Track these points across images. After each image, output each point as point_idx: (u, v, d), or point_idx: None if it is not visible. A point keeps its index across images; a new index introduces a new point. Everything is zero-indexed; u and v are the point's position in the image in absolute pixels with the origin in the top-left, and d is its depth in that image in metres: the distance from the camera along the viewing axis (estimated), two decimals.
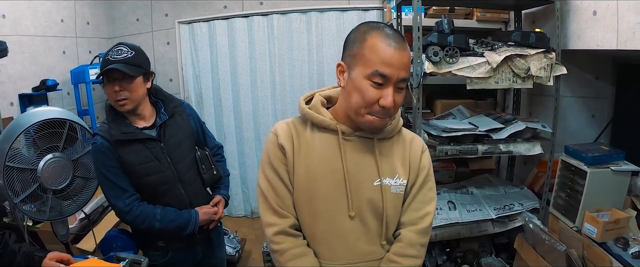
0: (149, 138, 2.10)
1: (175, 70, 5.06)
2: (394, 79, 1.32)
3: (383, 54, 1.31)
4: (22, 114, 2.57)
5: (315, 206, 1.48)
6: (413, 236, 1.50)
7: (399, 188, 1.50)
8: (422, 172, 1.54)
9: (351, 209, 1.46)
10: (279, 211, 1.49)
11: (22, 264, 1.76)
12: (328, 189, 1.46)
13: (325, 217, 1.47)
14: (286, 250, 1.46)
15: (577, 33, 2.76)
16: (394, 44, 1.32)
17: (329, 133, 1.50)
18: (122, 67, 1.97)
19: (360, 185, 1.47)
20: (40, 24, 4.03)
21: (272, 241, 1.48)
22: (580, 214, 2.53)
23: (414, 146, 1.57)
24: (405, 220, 1.53)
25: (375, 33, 1.35)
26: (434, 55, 2.58)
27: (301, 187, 1.49)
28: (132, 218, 2.10)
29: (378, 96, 1.34)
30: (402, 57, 1.32)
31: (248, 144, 5.05)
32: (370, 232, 1.49)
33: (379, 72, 1.32)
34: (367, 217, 1.48)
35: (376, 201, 1.47)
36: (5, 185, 2.09)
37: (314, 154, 1.49)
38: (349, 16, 4.63)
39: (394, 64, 1.31)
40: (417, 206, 1.53)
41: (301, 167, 1.48)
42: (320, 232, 1.49)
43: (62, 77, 4.16)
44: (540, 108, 3.49)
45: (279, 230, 1.47)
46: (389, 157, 1.51)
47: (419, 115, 2.74)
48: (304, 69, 4.79)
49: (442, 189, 3.24)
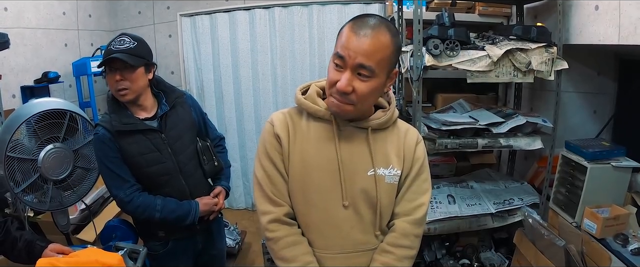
0: (150, 129, 2.11)
1: (176, 63, 5.07)
2: (350, 62, 1.33)
3: (345, 38, 1.36)
4: (22, 105, 2.58)
5: (310, 195, 1.49)
6: (407, 226, 1.51)
7: (393, 178, 1.51)
8: (416, 163, 1.55)
9: (345, 199, 1.47)
10: (274, 200, 1.50)
11: (23, 252, 1.78)
12: (322, 178, 1.47)
13: (319, 207, 1.49)
14: (280, 238, 1.48)
15: (579, 28, 2.75)
16: (359, 31, 1.33)
17: (324, 123, 1.51)
18: (124, 56, 1.98)
19: (354, 175, 1.47)
20: (42, 16, 4.06)
21: (267, 229, 1.49)
22: (580, 209, 2.52)
23: (408, 137, 1.57)
24: (400, 210, 1.54)
25: (351, 22, 1.39)
26: (435, 48, 2.57)
27: (296, 176, 1.50)
28: (132, 208, 2.11)
29: (337, 78, 1.37)
30: (361, 43, 1.32)
31: (249, 137, 5.06)
32: (364, 222, 1.50)
33: (337, 54, 1.37)
34: (360, 207, 1.48)
35: (370, 190, 1.48)
36: (7, 175, 2.11)
37: (309, 144, 1.50)
38: (351, 9, 4.61)
39: (350, 48, 1.33)
40: (411, 197, 1.54)
41: (296, 157, 1.49)
42: (315, 221, 1.50)
43: (64, 70, 4.19)
44: (542, 103, 3.48)
45: (273, 218, 1.49)
46: (383, 148, 1.52)
47: (419, 108, 2.73)
48: (306, 62, 4.79)
49: (442, 182, 3.24)
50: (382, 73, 1.38)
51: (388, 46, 1.35)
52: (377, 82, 1.38)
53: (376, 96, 1.48)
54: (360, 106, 1.43)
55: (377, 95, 1.47)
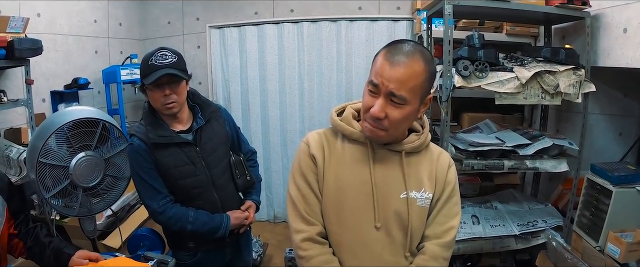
0: (185, 142, 2.14)
1: (204, 74, 5.14)
2: (384, 89, 1.35)
3: (379, 66, 1.38)
4: (56, 112, 2.64)
5: (343, 215, 1.51)
6: (437, 249, 1.52)
7: (424, 202, 1.52)
8: (448, 187, 1.56)
9: (377, 220, 1.48)
10: (307, 219, 1.52)
11: (51, 259, 1.81)
12: (356, 199, 1.49)
13: (351, 227, 1.50)
14: (312, 257, 1.49)
15: (607, 50, 2.74)
16: (392, 59, 1.36)
17: (359, 145, 1.53)
18: (174, 71, 2.03)
19: (387, 197, 1.49)
20: (74, 23, 4.15)
21: (299, 248, 1.51)
22: (603, 233, 2.50)
23: (441, 161, 1.58)
24: (430, 233, 1.54)
25: (385, 49, 1.42)
26: (464, 70, 2.59)
27: (330, 197, 1.52)
28: (165, 219, 2.14)
29: (371, 104, 1.39)
30: (394, 72, 1.34)
31: (274, 150, 5.08)
32: (395, 243, 1.51)
33: (371, 81, 1.39)
34: (392, 229, 1.50)
35: (402, 213, 1.49)
36: (37, 180, 2.15)
37: (344, 165, 1.52)
38: (379, 26, 4.63)
39: (384, 76, 1.35)
40: (442, 220, 1.54)
41: (331, 177, 1.52)
42: (347, 241, 1.52)
43: (94, 76, 4.27)
44: (568, 124, 3.46)
45: (306, 237, 1.50)
46: (415, 171, 1.53)
47: (447, 128, 2.74)
48: (333, 77, 4.80)
49: (467, 202, 3.23)
50: (415, 99, 1.40)
51: (421, 74, 1.37)
52: (410, 108, 1.40)
53: (409, 122, 1.50)
54: (393, 131, 1.45)
55: (410, 121, 1.49)
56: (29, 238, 1.82)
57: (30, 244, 1.82)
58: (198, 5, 5.07)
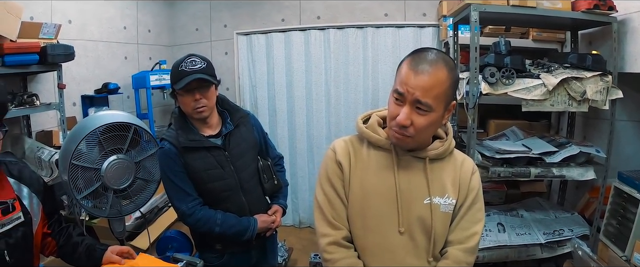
0: (214, 146, 2.19)
1: (232, 80, 5.19)
2: (408, 97, 1.38)
3: (403, 74, 1.41)
4: (88, 116, 2.70)
5: (368, 220, 1.53)
6: (460, 254, 1.53)
7: (447, 207, 1.53)
8: (471, 193, 1.57)
9: (401, 225, 1.50)
10: (333, 223, 1.55)
11: (83, 256, 1.85)
12: (380, 204, 1.52)
13: (376, 232, 1.53)
14: (338, 260, 1.52)
15: (634, 56, 2.71)
16: (416, 67, 1.38)
17: (384, 152, 1.56)
18: (204, 76, 2.09)
19: (411, 203, 1.51)
20: (104, 30, 4.27)
21: (325, 251, 1.55)
22: (630, 243, 2.47)
23: (464, 167, 1.60)
24: (453, 239, 1.56)
25: (409, 57, 1.44)
26: (491, 77, 2.59)
27: (355, 202, 1.55)
28: (193, 221, 2.19)
29: (397, 112, 1.42)
30: (418, 80, 1.37)
31: (300, 155, 5.11)
32: (418, 248, 1.53)
33: (396, 90, 1.42)
34: (416, 234, 1.52)
35: (425, 218, 1.51)
36: (70, 181, 2.21)
37: (369, 171, 1.55)
38: (405, 33, 4.64)
39: (408, 84, 1.38)
40: (465, 226, 1.56)
41: (356, 183, 1.55)
42: (371, 245, 1.54)
43: (123, 82, 4.37)
44: (595, 132, 3.42)
45: (332, 241, 1.54)
46: (439, 177, 1.55)
47: (473, 135, 2.74)
48: (359, 84, 4.82)
49: (492, 210, 3.22)
50: (439, 107, 1.42)
51: (445, 81, 1.39)
52: (435, 115, 1.42)
53: (434, 128, 1.52)
54: (418, 138, 1.47)
55: (435, 127, 1.51)
56: (62, 237, 1.87)
57: (62, 242, 1.87)
58: (225, 12, 5.14)
